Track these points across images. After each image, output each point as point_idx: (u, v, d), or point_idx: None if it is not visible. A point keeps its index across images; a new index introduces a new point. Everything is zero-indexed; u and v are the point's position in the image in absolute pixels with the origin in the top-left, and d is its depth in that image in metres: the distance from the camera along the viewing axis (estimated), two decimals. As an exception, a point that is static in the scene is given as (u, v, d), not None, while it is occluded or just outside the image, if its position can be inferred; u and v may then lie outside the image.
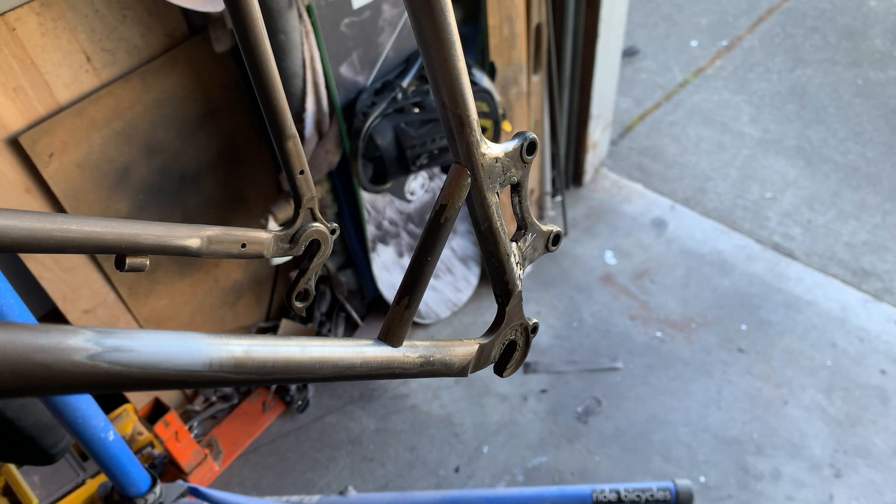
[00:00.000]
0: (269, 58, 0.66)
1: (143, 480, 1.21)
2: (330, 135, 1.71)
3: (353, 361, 0.51)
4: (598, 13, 2.21)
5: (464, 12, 1.91)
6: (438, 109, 0.52)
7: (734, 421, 1.96)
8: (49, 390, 0.34)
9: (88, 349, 0.34)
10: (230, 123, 1.76)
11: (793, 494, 1.80)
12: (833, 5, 3.61)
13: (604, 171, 2.78)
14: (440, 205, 0.54)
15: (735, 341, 2.15)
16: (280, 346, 0.46)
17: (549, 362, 2.14)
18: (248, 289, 2.07)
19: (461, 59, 0.50)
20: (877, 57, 3.25)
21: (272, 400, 2.08)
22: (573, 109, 2.48)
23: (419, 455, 1.95)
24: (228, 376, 0.42)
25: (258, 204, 1.91)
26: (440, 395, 2.08)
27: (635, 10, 3.65)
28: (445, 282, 2.25)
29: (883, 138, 2.83)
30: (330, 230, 0.79)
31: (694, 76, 3.27)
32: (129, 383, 0.37)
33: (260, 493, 1.90)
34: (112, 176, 1.57)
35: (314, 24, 1.54)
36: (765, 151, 2.83)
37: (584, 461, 1.90)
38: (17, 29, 1.31)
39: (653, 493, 1.52)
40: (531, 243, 0.61)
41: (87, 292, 1.65)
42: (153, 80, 1.55)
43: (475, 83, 1.80)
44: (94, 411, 1.05)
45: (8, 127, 1.38)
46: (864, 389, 2.01)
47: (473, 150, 0.53)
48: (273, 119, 0.70)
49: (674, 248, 2.45)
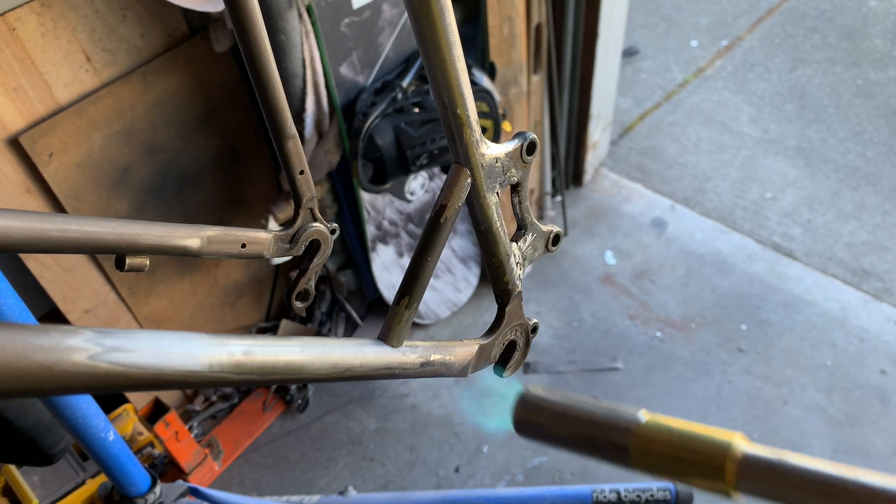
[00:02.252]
0: (269, 58, 0.66)
1: (143, 480, 1.21)
2: (330, 135, 1.71)
3: (353, 362, 0.51)
4: (598, 13, 2.21)
5: (464, 12, 1.91)
6: (438, 109, 0.52)
7: (734, 421, 1.96)
8: (49, 391, 0.34)
9: (88, 349, 0.34)
10: (230, 123, 1.76)
11: (793, 494, 1.80)
12: (833, 5, 3.61)
13: (604, 171, 2.78)
14: (440, 205, 0.54)
15: (735, 341, 2.15)
16: (280, 346, 0.46)
17: (549, 362, 2.14)
18: (248, 289, 2.07)
19: (461, 59, 0.50)
20: (877, 57, 3.25)
21: (272, 399, 2.08)
22: (573, 109, 2.48)
23: (419, 455, 1.95)
24: (228, 376, 0.42)
25: (258, 204, 1.91)
26: (440, 394, 2.08)
27: (635, 10, 3.65)
28: (445, 282, 2.25)
29: (883, 138, 2.83)
30: (330, 230, 0.79)
31: (694, 76, 3.27)
32: (130, 383, 0.37)
33: (260, 492, 1.90)
34: (112, 176, 1.57)
35: (314, 24, 1.54)
36: (765, 151, 2.83)
37: (584, 461, 1.90)
38: (17, 29, 1.31)
39: (653, 493, 1.52)
40: (531, 243, 0.61)
41: (88, 292, 1.65)
42: (153, 80, 1.55)
43: (475, 83, 1.80)
44: (94, 411, 1.05)
45: (8, 127, 1.38)
46: (864, 389, 2.01)
47: (473, 150, 0.53)
48: (273, 119, 0.70)
49: (674, 248, 2.45)
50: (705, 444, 0.38)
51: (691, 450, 0.39)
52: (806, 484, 0.34)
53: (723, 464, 0.37)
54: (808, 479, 0.34)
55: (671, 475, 0.40)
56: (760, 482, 0.36)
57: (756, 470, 0.36)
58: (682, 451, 0.39)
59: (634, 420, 0.42)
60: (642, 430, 0.41)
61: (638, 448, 0.41)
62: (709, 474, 0.38)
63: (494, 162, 0.55)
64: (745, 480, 0.36)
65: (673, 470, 0.40)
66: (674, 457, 0.39)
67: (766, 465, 0.36)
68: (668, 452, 0.40)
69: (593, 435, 0.44)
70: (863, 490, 0.33)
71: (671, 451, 0.39)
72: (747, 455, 0.37)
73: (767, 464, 0.36)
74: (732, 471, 0.37)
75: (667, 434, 0.40)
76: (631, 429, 0.42)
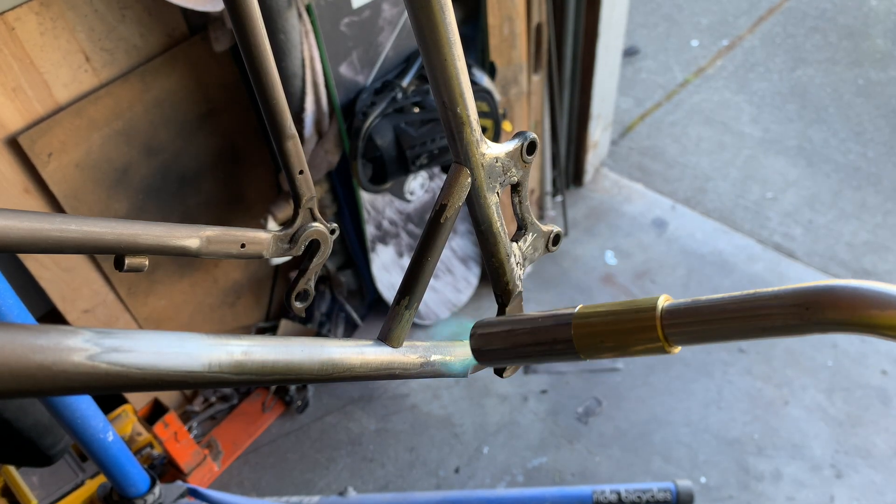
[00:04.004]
0: (269, 58, 0.66)
1: (143, 481, 1.21)
2: (329, 135, 1.71)
3: (353, 362, 0.51)
4: (598, 13, 2.21)
5: (464, 12, 1.91)
6: (438, 109, 0.52)
7: (735, 421, 1.95)
8: (48, 391, 0.33)
9: (87, 349, 0.34)
10: (229, 123, 1.75)
11: (793, 495, 1.80)
12: (834, 5, 3.60)
13: (604, 170, 2.77)
14: (440, 204, 0.54)
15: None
16: (279, 346, 0.45)
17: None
18: (248, 289, 2.07)
19: (461, 59, 0.50)
20: (878, 57, 3.25)
21: (272, 400, 2.08)
22: (573, 109, 2.48)
23: (419, 455, 1.95)
24: (228, 377, 0.42)
25: (257, 204, 1.91)
26: (440, 395, 2.08)
27: (636, 10, 3.64)
28: (445, 282, 2.25)
29: (884, 138, 2.83)
30: (329, 230, 0.79)
31: (694, 76, 3.27)
32: (129, 384, 0.37)
33: (259, 493, 1.90)
34: (111, 176, 1.57)
35: (314, 23, 1.54)
36: (765, 151, 2.82)
37: (584, 462, 1.90)
38: (16, 28, 1.31)
39: (653, 493, 1.51)
40: (531, 243, 0.61)
41: (87, 292, 1.65)
42: (152, 79, 1.55)
43: (475, 83, 1.80)
44: (94, 412, 1.05)
45: (7, 127, 1.37)
46: (865, 390, 2.00)
47: (474, 150, 0.53)
48: (273, 119, 0.69)
49: (674, 248, 2.45)
50: (634, 311, 0.42)
51: (624, 321, 0.42)
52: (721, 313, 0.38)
53: (653, 322, 0.41)
54: (721, 309, 0.38)
55: (614, 350, 0.43)
56: (686, 326, 0.39)
57: (680, 317, 0.40)
58: (616, 324, 0.42)
59: (570, 313, 0.45)
60: (578, 318, 0.45)
61: (579, 335, 0.44)
62: (644, 336, 0.41)
63: (495, 161, 0.55)
64: (673, 329, 0.40)
65: (614, 344, 0.43)
66: (611, 332, 0.43)
67: (687, 311, 0.39)
68: (605, 330, 0.43)
69: (540, 339, 0.47)
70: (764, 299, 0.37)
71: (608, 328, 0.43)
72: (669, 308, 0.40)
73: (687, 309, 0.40)
74: (660, 326, 0.40)
75: (601, 315, 0.44)
76: (568, 321, 0.45)
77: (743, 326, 0.38)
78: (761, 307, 0.37)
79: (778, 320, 0.36)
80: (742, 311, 0.37)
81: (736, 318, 0.38)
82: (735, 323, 0.38)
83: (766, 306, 0.37)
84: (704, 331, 0.39)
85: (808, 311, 0.35)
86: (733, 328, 0.38)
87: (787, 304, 0.36)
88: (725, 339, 0.39)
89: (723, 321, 0.38)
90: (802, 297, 0.35)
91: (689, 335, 0.40)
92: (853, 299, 0.34)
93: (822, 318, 0.35)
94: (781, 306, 0.36)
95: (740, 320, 0.38)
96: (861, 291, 0.34)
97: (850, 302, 0.34)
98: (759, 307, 0.37)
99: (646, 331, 0.41)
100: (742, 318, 0.37)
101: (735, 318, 0.38)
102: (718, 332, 0.39)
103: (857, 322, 0.34)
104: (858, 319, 0.34)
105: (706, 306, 0.39)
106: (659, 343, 0.41)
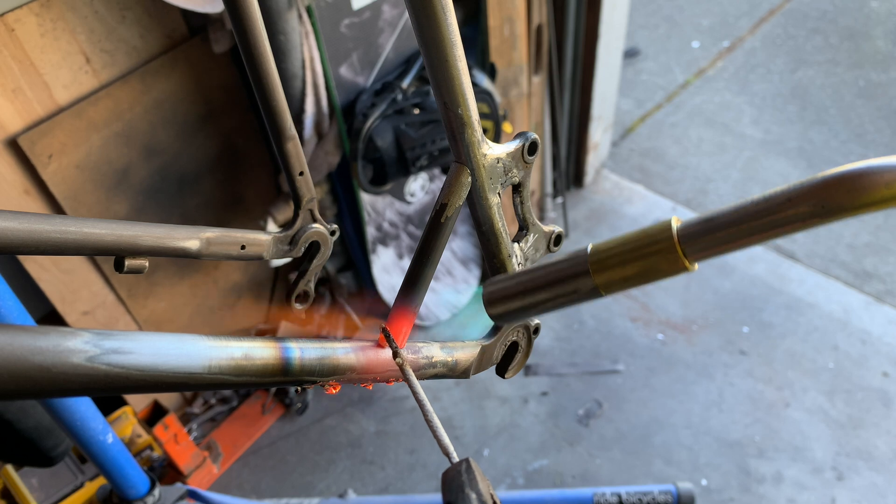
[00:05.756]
0: (269, 59, 0.66)
1: (142, 483, 1.20)
2: (329, 136, 1.71)
3: (354, 364, 0.50)
4: (599, 14, 2.21)
5: (464, 13, 1.91)
6: (440, 110, 0.52)
7: (736, 423, 1.95)
8: (48, 392, 0.33)
9: (87, 351, 0.34)
10: (229, 125, 1.75)
11: (795, 497, 1.80)
12: (835, 6, 3.61)
13: (605, 172, 2.77)
14: (440, 204, 0.54)
15: (736, 343, 2.15)
16: (279, 348, 0.45)
17: (549, 365, 2.13)
18: (248, 290, 2.07)
19: (462, 60, 0.49)
20: (878, 58, 3.25)
21: (271, 402, 2.07)
22: (574, 111, 2.48)
23: (419, 458, 1.94)
24: (228, 378, 0.42)
25: (257, 205, 1.91)
26: (440, 397, 2.07)
27: (636, 11, 3.65)
28: (445, 284, 2.25)
29: (885, 139, 2.83)
30: (329, 231, 0.79)
31: (695, 77, 3.27)
32: (128, 385, 0.36)
33: (259, 495, 1.90)
34: (111, 177, 1.57)
35: (314, 24, 1.53)
36: (766, 153, 2.82)
37: (585, 464, 1.89)
38: (16, 30, 1.31)
39: (654, 496, 1.51)
40: (533, 244, 0.61)
41: (86, 294, 1.64)
42: (152, 81, 1.55)
43: (476, 84, 1.80)
44: (93, 414, 1.05)
45: (7, 128, 1.37)
46: (867, 392, 2.00)
47: (475, 151, 0.53)
48: (273, 120, 0.69)
49: (675, 249, 2.45)
50: (649, 237, 0.41)
51: (641, 248, 0.42)
52: (735, 220, 0.38)
53: (671, 243, 0.40)
54: (735, 216, 0.38)
55: (636, 279, 0.43)
56: (704, 240, 0.39)
57: (696, 233, 0.39)
58: (633, 253, 0.42)
59: (583, 251, 0.45)
60: (594, 255, 0.44)
61: (597, 271, 0.44)
62: (664, 259, 0.41)
63: (496, 162, 0.54)
64: (691, 245, 0.40)
65: (634, 274, 0.43)
66: (630, 260, 0.42)
67: (701, 224, 0.39)
68: (624, 261, 0.43)
69: (557, 286, 0.46)
70: (776, 197, 0.37)
71: (626, 258, 0.42)
72: (683, 226, 0.40)
73: (701, 223, 0.39)
74: (679, 245, 0.40)
75: (616, 247, 0.43)
76: (584, 259, 0.44)
77: (759, 226, 0.38)
78: (775, 206, 0.37)
79: (792, 217, 0.36)
80: (757, 213, 0.37)
81: (752, 221, 0.38)
82: (752, 224, 0.38)
83: (779, 203, 0.37)
84: (722, 238, 0.39)
85: (824, 201, 0.35)
86: (751, 230, 0.38)
87: (801, 198, 0.36)
88: (744, 245, 0.39)
89: (739, 226, 0.38)
90: (815, 190, 0.35)
91: (708, 248, 0.40)
92: (865, 181, 0.34)
93: (839, 204, 0.35)
94: (794, 200, 0.36)
95: (756, 221, 0.37)
96: (872, 171, 0.34)
97: (863, 183, 0.34)
98: (772, 207, 0.37)
99: (664, 252, 0.41)
100: (757, 219, 0.37)
101: (751, 221, 0.38)
102: (736, 238, 0.38)
103: (872, 202, 0.34)
104: (873, 199, 0.34)
105: (719, 216, 0.39)
106: (679, 263, 0.41)
